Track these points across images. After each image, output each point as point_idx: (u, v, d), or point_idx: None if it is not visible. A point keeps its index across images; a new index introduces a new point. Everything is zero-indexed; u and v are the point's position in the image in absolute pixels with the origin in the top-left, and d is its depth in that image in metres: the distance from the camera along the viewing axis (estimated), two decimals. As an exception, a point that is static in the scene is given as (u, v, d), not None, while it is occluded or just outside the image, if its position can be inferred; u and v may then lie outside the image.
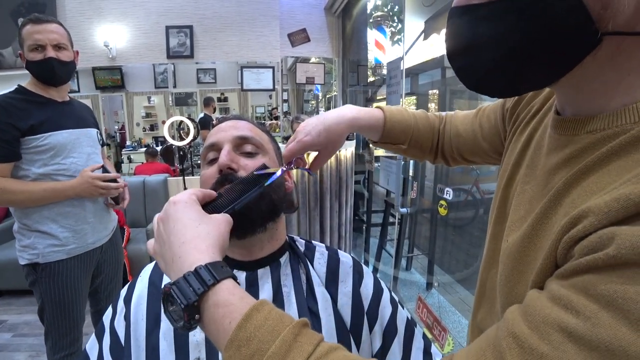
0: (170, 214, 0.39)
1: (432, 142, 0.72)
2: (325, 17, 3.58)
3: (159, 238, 0.39)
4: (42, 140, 1.24)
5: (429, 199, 2.57)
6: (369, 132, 0.69)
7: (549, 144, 0.42)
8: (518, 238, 0.40)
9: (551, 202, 0.37)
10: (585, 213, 0.29)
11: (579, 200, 0.33)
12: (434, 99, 3.06)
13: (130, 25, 3.27)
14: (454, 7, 0.37)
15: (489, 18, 0.34)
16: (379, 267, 2.90)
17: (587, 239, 0.29)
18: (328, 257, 0.65)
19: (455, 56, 0.39)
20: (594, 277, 0.27)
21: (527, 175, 0.45)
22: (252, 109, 4.25)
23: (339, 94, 3.86)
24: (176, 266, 0.36)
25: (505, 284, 0.41)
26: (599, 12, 0.29)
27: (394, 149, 0.72)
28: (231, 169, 0.55)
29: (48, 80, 1.29)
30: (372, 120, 0.66)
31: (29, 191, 1.23)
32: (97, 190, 1.32)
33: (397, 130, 0.68)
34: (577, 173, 0.35)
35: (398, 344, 0.59)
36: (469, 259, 2.70)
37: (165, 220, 0.39)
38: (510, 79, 0.36)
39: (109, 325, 0.58)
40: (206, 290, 0.33)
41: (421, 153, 0.73)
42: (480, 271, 0.55)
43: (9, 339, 2.22)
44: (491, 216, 0.54)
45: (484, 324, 0.52)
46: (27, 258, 1.28)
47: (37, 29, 1.23)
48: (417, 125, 0.70)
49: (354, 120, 0.64)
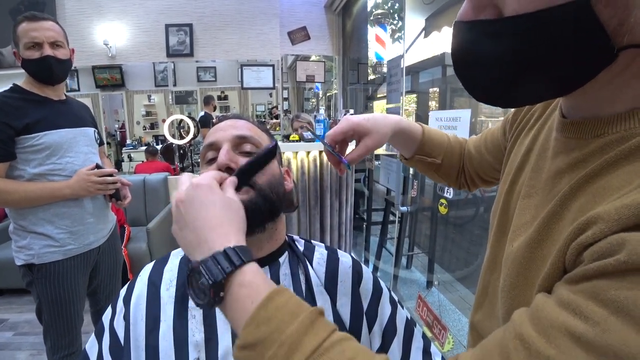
0: (194, 198, 0.39)
1: (461, 160, 0.72)
2: (325, 15, 3.57)
3: (179, 220, 0.39)
4: (37, 139, 1.22)
5: (430, 198, 2.56)
6: (408, 138, 0.68)
7: (555, 147, 0.41)
8: (523, 243, 0.39)
9: (557, 206, 0.36)
10: (595, 219, 0.29)
11: (587, 206, 0.33)
12: (435, 97, 3.05)
13: (130, 23, 3.26)
14: (459, 22, 0.36)
15: (500, 35, 0.32)
16: (379, 265, 2.90)
17: (596, 245, 0.28)
18: (327, 257, 0.65)
19: (461, 69, 0.38)
20: (604, 282, 0.27)
21: (532, 179, 0.44)
22: (253, 107, 4.24)
23: (339, 92, 3.86)
24: (202, 248, 0.37)
25: (510, 289, 0.40)
26: (614, 28, 0.28)
27: (426, 167, 0.71)
28: (230, 169, 0.55)
29: (45, 79, 1.28)
30: (413, 126, 0.68)
31: (24, 191, 1.20)
32: (93, 186, 1.29)
33: (434, 142, 0.69)
34: (585, 177, 0.34)
35: (397, 344, 0.59)
36: (469, 257, 2.70)
37: (188, 204, 0.39)
38: (520, 92, 0.36)
39: (108, 325, 0.58)
40: (233, 270, 0.35)
41: (453, 171, 0.73)
42: (481, 273, 0.55)
43: (10, 338, 2.23)
44: (493, 219, 0.53)
45: (481, 326, 0.52)
46: (23, 259, 1.27)
47: (34, 26, 1.21)
48: (449, 141, 0.71)
49: (400, 121, 0.65)
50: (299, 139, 2.31)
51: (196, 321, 0.54)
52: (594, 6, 0.27)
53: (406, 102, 2.07)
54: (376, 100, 3.99)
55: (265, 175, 0.57)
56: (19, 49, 1.23)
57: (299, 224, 2.39)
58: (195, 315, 0.55)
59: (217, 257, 0.35)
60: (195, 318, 0.55)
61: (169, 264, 0.62)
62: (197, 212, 0.39)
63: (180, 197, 0.40)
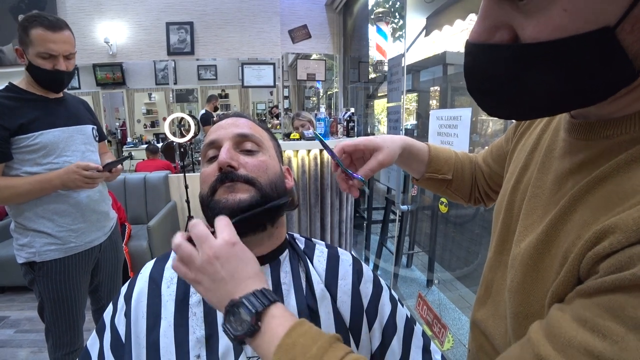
0: (232, 255, 0.44)
1: (472, 175, 0.72)
2: (326, 13, 3.57)
3: (214, 274, 0.43)
4: (32, 139, 1.21)
5: (430, 196, 2.56)
6: (417, 155, 0.69)
7: (562, 147, 0.41)
8: (531, 245, 0.39)
9: (565, 209, 0.36)
10: (612, 229, 0.28)
11: (599, 210, 0.32)
12: (436, 95, 3.05)
13: (131, 21, 3.26)
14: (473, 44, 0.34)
15: (519, 60, 0.31)
16: (379, 264, 2.91)
17: (613, 257, 0.28)
18: (328, 255, 0.65)
19: (476, 92, 0.37)
20: (621, 297, 0.26)
21: (538, 179, 0.44)
22: (253, 105, 4.24)
23: (339, 90, 3.85)
24: (239, 290, 0.42)
25: (517, 290, 0.40)
26: (636, 52, 0.27)
27: (438, 185, 0.71)
28: (231, 167, 0.55)
29: (53, 89, 1.28)
30: (419, 144, 0.69)
31: (13, 186, 1.18)
32: (82, 180, 1.24)
33: (442, 158, 0.70)
34: (594, 179, 0.34)
35: (397, 342, 0.59)
36: (469, 256, 2.70)
37: (225, 260, 0.43)
38: (536, 109, 0.35)
39: (109, 322, 0.59)
40: (268, 304, 0.41)
41: (465, 187, 0.72)
42: (485, 271, 0.55)
43: (11, 335, 2.24)
44: (497, 218, 0.53)
45: (484, 324, 0.52)
46: (24, 257, 1.27)
47: (52, 37, 1.18)
48: (457, 157, 0.71)
49: (406, 138, 0.67)
50: (300, 138, 2.31)
51: (197, 318, 0.55)
52: (618, 34, 0.26)
53: (407, 100, 2.06)
54: (377, 99, 3.99)
55: (267, 174, 0.57)
56: (28, 51, 1.20)
57: (300, 223, 2.40)
58: (196, 313, 0.55)
59: (257, 294, 0.42)
60: (196, 315, 0.55)
61: (169, 261, 0.62)
62: (235, 266, 0.43)
63: (215, 255, 0.43)
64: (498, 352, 0.47)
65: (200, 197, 0.59)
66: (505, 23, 0.31)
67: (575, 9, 0.26)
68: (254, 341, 0.41)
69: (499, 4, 0.31)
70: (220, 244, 0.43)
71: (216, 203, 0.54)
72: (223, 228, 0.45)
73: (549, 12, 0.28)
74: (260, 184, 0.56)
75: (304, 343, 0.38)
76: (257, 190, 0.55)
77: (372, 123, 4.39)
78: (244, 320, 0.40)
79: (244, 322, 0.40)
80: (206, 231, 0.45)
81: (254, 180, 0.55)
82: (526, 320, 0.38)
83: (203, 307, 0.56)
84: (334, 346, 0.38)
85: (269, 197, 0.56)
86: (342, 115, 2.63)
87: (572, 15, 0.27)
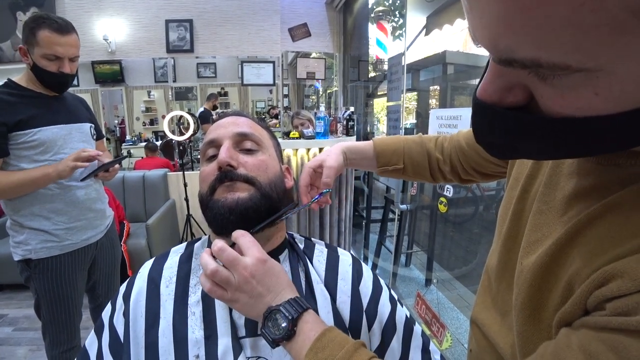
0: (267, 270, 0.47)
1: (426, 157, 0.75)
2: (326, 11, 3.56)
3: (251, 291, 0.46)
4: (31, 135, 1.20)
5: (429, 196, 2.56)
6: (363, 154, 0.77)
7: (571, 164, 0.40)
8: (536, 265, 0.39)
9: (571, 234, 0.36)
10: (620, 273, 0.29)
11: (607, 241, 0.32)
12: (435, 95, 3.05)
13: (130, 19, 3.25)
14: (483, 103, 0.30)
15: (537, 129, 0.29)
16: (378, 263, 2.91)
17: (620, 300, 0.29)
18: (327, 255, 0.65)
19: (488, 147, 0.35)
20: (625, 339, 0.27)
21: (545, 195, 0.43)
22: (253, 103, 4.23)
23: (339, 89, 3.85)
24: (276, 300, 0.47)
25: (522, 309, 0.41)
26: None
27: (395, 174, 0.77)
28: (230, 166, 0.55)
29: (55, 90, 1.28)
30: (362, 144, 0.77)
31: (6, 183, 1.16)
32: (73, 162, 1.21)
33: (389, 151, 0.75)
34: (603, 207, 0.34)
35: (397, 342, 0.59)
36: (468, 255, 2.70)
37: (260, 277, 0.47)
38: (552, 158, 0.38)
39: (108, 322, 0.58)
40: (302, 311, 0.46)
41: (424, 172, 0.76)
42: (488, 277, 0.55)
43: (9, 333, 2.23)
44: (502, 223, 0.52)
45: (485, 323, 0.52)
46: (20, 254, 1.27)
47: (59, 41, 1.19)
48: (407, 143, 0.76)
49: (344, 143, 0.76)
50: (299, 136, 2.31)
51: (196, 318, 0.54)
52: None
53: (407, 100, 2.06)
54: (376, 98, 3.98)
55: (266, 173, 0.57)
56: (33, 51, 1.19)
57: (299, 222, 2.39)
58: (195, 312, 0.55)
59: (291, 302, 0.46)
60: (195, 315, 0.55)
61: (168, 260, 0.62)
62: (270, 281, 0.47)
63: (251, 274, 0.46)
64: (498, 352, 0.47)
65: (199, 195, 0.59)
66: (520, 82, 0.28)
67: (611, 95, 0.24)
68: (288, 344, 0.45)
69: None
70: (254, 263, 0.46)
71: (215, 202, 0.54)
72: (250, 245, 0.48)
73: (577, 92, 0.25)
74: (259, 183, 0.55)
75: (333, 347, 0.43)
76: (257, 190, 0.55)
77: (372, 122, 4.39)
78: (281, 326, 0.45)
79: (281, 327, 0.45)
80: (234, 254, 0.46)
81: (253, 179, 0.55)
82: (533, 337, 0.39)
83: (202, 306, 0.55)
84: (359, 351, 0.43)
85: (268, 196, 0.55)
86: (342, 114, 2.63)
87: (604, 99, 0.25)
